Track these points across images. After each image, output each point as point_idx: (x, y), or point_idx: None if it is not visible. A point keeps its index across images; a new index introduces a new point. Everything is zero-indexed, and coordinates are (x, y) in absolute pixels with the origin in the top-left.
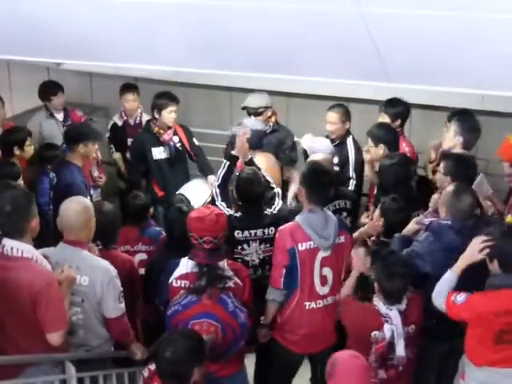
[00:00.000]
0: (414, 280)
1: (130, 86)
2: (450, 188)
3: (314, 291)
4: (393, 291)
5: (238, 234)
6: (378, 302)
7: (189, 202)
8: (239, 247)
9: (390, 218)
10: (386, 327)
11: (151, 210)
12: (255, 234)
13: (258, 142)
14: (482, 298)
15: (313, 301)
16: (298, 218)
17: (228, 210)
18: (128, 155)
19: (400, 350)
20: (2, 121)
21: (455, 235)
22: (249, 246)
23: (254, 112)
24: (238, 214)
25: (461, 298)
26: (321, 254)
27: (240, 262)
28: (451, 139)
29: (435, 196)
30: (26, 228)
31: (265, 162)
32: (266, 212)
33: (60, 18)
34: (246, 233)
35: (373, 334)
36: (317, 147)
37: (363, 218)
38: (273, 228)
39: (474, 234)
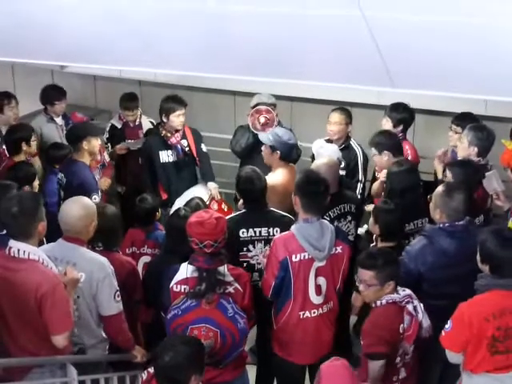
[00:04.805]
0: (409, 283)
1: (131, 101)
2: (441, 188)
3: (309, 300)
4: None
5: (243, 233)
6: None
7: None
8: (244, 249)
9: (382, 220)
10: (409, 307)
11: (158, 213)
12: (260, 232)
13: (288, 153)
14: (469, 305)
15: (307, 310)
16: (293, 227)
17: None
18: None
19: (426, 320)
20: (15, 120)
21: (447, 238)
22: (254, 246)
23: None
24: (243, 211)
25: (447, 325)
26: (316, 264)
27: (246, 266)
28: (465, 149)
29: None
30: (32, 230)
31: (285, 175)
32: (271, 209)
33: (64, 20)
34: (251, 231)
35: (401, 327)
36: (322, 152)
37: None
38: (278, 229)
39: (465, 236)
